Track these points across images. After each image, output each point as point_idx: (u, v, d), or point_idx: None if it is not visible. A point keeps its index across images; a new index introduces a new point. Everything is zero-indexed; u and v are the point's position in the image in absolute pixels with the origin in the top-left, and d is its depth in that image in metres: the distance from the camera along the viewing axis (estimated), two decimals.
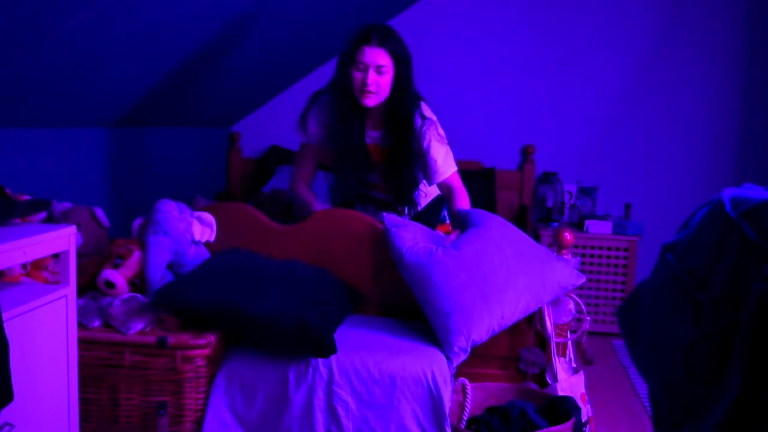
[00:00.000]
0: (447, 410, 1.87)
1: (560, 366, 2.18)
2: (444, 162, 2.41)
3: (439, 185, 2.49)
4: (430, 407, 1.88)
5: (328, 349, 1.88)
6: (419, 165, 2.45)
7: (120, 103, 2.81)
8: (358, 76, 2.29)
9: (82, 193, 2.78)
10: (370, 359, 1.92)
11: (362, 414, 1.88)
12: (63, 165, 2.67)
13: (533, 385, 2.13)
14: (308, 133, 2.51)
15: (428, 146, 2.39)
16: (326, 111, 2.44)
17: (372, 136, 2.46)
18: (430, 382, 1.89)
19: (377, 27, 2.32)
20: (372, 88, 2.28)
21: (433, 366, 1.91)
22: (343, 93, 2.35)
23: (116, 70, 2.48)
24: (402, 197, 2.47)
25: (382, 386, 1.90)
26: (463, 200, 2.44)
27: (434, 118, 2.43)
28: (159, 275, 2.04)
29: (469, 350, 2.02)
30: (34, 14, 1.81)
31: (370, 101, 2.31)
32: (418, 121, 2.39)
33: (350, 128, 2.38)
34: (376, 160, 2.46)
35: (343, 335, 2.02)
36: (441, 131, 2.42)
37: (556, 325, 2.21)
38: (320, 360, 1.91)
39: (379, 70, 2.27)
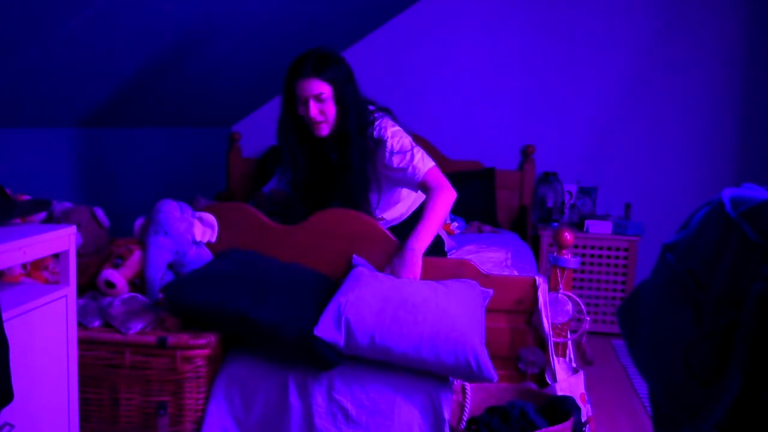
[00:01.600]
0: (447, 415, 1.87)
1: (560, 366, 2.18)
2: (412, 167, 2.27)
3: (421, 189, 2.35)
4: (430, 412, 1.87)
5: (331, 362, 1.87)
6: (392, 183, 2.37)
7: (120, 103, 2.81)
8: (302, 110, 2.25)
9: (82, 193, 2.78)
10: (370, 364, 1.92)
11: (362, 420, 1.87)
12: (63, 165, 2.67)
13: (533, 385, 2.13)
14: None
15: (389, 162, 2.28)
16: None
17: (331, 158, 2.42)
18: (430, 387, 1.89)
19: (307, 57, 2.24)
20: (318, 117, 2.23)
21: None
22: (294, 128, 2.32)
23: (116, 70, 2.48)
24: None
25: (381, 392, 1.89)
26: (436, 197, 2.24)
27: (388, 133, 2.29)
28: (159, 275, 2.04)
29: (340, 334, 1.86)
30: (35, 15, 1.81)
31: (323, 131, 2.27)
32: (371, 143, 2.30)
33: (305, 159, 2.37)
34: (335, 184, 2.41)
35: None
36: (399, 142, 2.28)
37: (554, 325, 2.21)
38: None
39: (318, 98, 2.21)
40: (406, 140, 2.30)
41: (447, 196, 2.25)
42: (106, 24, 2.10)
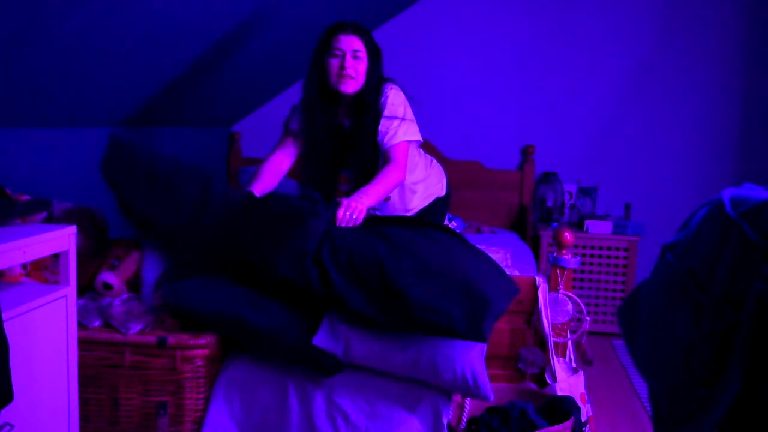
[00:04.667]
0: (446, 420, 1.86)
1: (560, 366, 2.19)
2: (393, 129, 2.30)
3: (382, 154, 2.33)
4: (430, 418, 1.86)
5: (332, 369, 1.86)
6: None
7: (120, 103, 2.81)
8: (335, 62, 2.27)
9: (82, 193, 2.78)
10: (371, 369, 1.91)
11: (362, 424, 1.86)
12: (63, 165, 2.67)
13: (533, 385, 2.13)
14: (290, 122, 2.46)
15: (382, 110, 2.32)
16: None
17: (343, 126, 2.41)
18: (431, 393, 1.88)
19: (350, 21, 2.35)
20: (350, 72, 2.25)
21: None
22: (317, 84, 2.32)
23: (116, 70, 2.48)
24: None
25: (381, 396, 1.88)
26: (389, 172, 2.25)
27: (392, 93, 2.34)
28: (156, 276, 2.04)
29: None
30: (35, 14, 1.81)
31: (349, 87, 2.27)
32: (381, 97, 2.34)
33: (322, 117, 2.35)
34: (347, 151, 2.41)
35: None
36: (395, 104, 2.33)
37: (554, 325, 2.22)
38: None
39: (355, 54, 2.26)
40: (402, 108, 2.34)
41: (397, 176, 2.27)
42: (105, 25, 2.10)
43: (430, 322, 1.74)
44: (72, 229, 1.60)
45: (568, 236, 2.28)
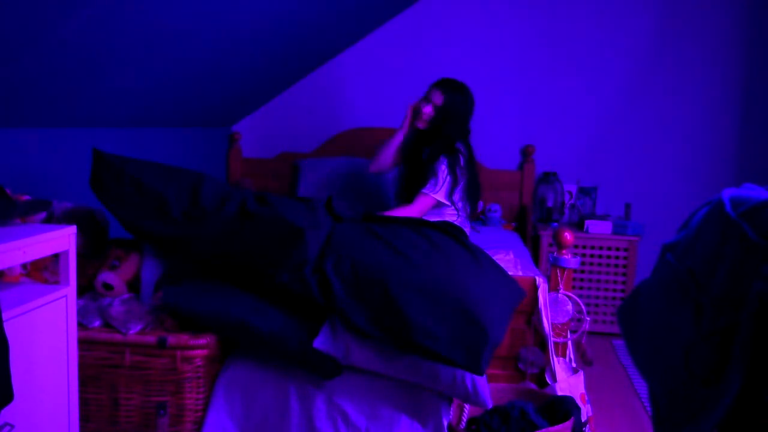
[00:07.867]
0: (446, 421, 1.86)
1: (560, 366, 2.19)
2: (428, 183, 2.86)
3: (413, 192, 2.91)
4: (431, 419, 1.87)
5: (332, 372, 1.86)
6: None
7: (120, 103, 2.81)
8: (422, 103, 3.00)
9: (82, 193, 2.78)
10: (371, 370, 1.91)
11: (362, 424, 1.87)
12: (63, 165, 2.67)
13: (533, 385, 2.13)
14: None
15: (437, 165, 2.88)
16: None
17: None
18: (431, 395, 1.88)
19: (448, 78, 3.06)
20: (424, 116, 2.97)
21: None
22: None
23: (116, 70, 2.48)
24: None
25: (381, 397, 1.88)
26: (407, 208, 2.85)
27: (447, 161, 2.87)
28: (155, 278, 2.04)
29: None
30: (35, 14, 1.81)
31: (419, 124, 3.01)
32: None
33: (404, 143, 3.12)
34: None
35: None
36: (444, 167, 2.86)
37: (555, 325, 2.21)
38: None
39: (431, 101, 2.97)
40: (445, 172, 2.88)
41: (408, 214, 2.79)
42: (104, 25, 2.10)
43: (429, 349, 1.77)
44: (72, 229, 1.60)
45: (568, 236, 2.28)
